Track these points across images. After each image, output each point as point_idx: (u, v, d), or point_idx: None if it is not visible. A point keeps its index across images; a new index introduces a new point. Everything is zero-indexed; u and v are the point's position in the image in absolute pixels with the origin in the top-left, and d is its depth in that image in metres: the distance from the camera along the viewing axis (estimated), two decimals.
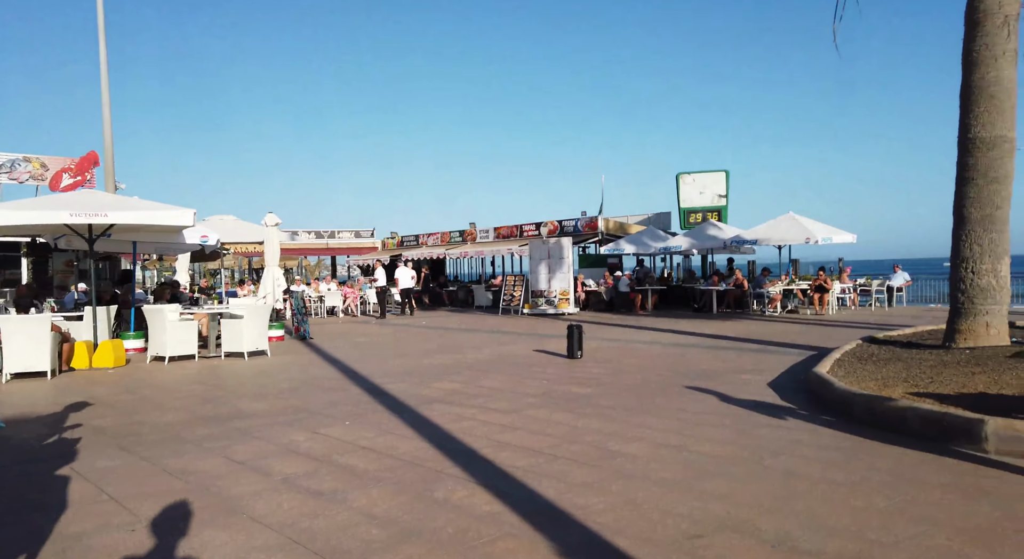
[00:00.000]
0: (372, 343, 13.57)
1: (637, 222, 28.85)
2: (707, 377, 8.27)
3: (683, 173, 26.51)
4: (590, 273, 24.48)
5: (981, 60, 8.21)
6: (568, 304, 20.97)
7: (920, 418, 5.15)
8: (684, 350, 11.05)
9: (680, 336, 13.39)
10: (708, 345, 11.66)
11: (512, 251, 27.00)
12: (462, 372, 9.21)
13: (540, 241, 21.95)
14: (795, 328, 14.48)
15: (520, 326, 16.86)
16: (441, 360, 10.57)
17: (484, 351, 11.64)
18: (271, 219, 13.97)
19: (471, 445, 5.29)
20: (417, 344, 13.12)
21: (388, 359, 10.89)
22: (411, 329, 16.73)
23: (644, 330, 14.86)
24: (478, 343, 12.99)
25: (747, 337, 12.74)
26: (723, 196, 26.27)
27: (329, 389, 8.09)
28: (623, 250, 23.65)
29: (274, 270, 14.01)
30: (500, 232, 29.89)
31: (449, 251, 29.97)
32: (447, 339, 13.98)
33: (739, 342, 11.98)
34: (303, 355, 11.71)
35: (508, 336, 14.28)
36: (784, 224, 19.17)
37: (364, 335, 15.42)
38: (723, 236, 20.80)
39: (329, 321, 20.21)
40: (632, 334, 14.04)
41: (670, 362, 9.68)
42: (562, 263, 21.18)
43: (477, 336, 14.45)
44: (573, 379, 8.42)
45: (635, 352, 10.95)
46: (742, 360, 9.69)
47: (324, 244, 36.99)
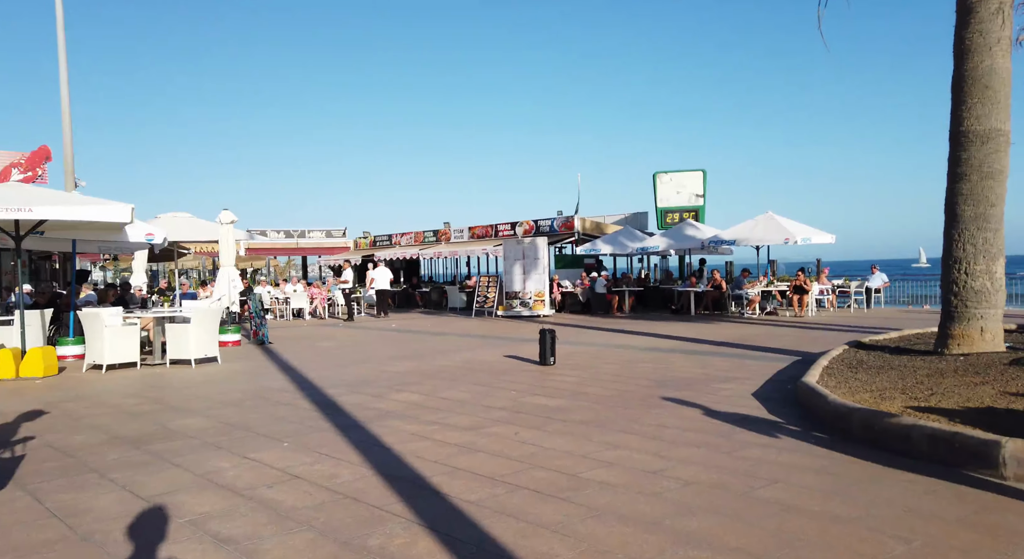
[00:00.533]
0: (334, 348, 12.82)
1: (614, 222, 28.36)
2: (688, 386, 7.68)
3: (660, 172, 26.08)
4: (566, 274, 23.93)
5: (974, 48, 7.75)
6: (543, 306, 20.36)
7: (927, 438, 4.60)
8: (662, 355, 10.48)
9: (658, 340, 12.85)
10: (687, 350, 11.12)
11: (487, 251, 26.34)
12: (425, 381, 8.53)
13: (514, 241, 21.33)
14: (775, 331, 14.02)
15: (493, 329, 16.21)
16: (405, 367, 9.87)
17: (452, 357, 10.96)
18: (226, 217, 13.15)
19: (422, 472, 4.63)
20: (382, 349, 12.39)
21: (348, 366, 10.16)
22: (379, 333, 15.98)
23: (621, 333, 14.30)
24: (447, 348, 12.31)
25: (727, 341, 12.23)
26: (700, 196, 25.88)
27: (276, 402, 7.36)
28: (600, 250, 23.11)
29: (229, 271, 13.19)
30: (475, 232, 29.22)
31: (423, 251, 29.23)
32: (415, 344, 13.27)
33: (719, 346, 11.45)
34: (257, 362, 10.93)
35: (479, 340, 13.62)
36: (762, 224, 18.76)
37: (328, 339, 14.64)
38: (701, 236, 20.35)
39: (294, 324, 19.36)
40: (609, 337, 13.47)
41: (648, 369, 9.10)
42: (537, 263, 20.58)
43: (447, 340, 13.76)
44: (544, 389, 7.78)
45: (611, 358, 10.36)
46: (723, 366, 9.14)
47: (294, 243, 35.99)
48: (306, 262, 40.07)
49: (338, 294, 22.97)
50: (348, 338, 14.88)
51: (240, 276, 35.37)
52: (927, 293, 24.71)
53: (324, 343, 13.86)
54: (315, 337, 15.26)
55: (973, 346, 7.76)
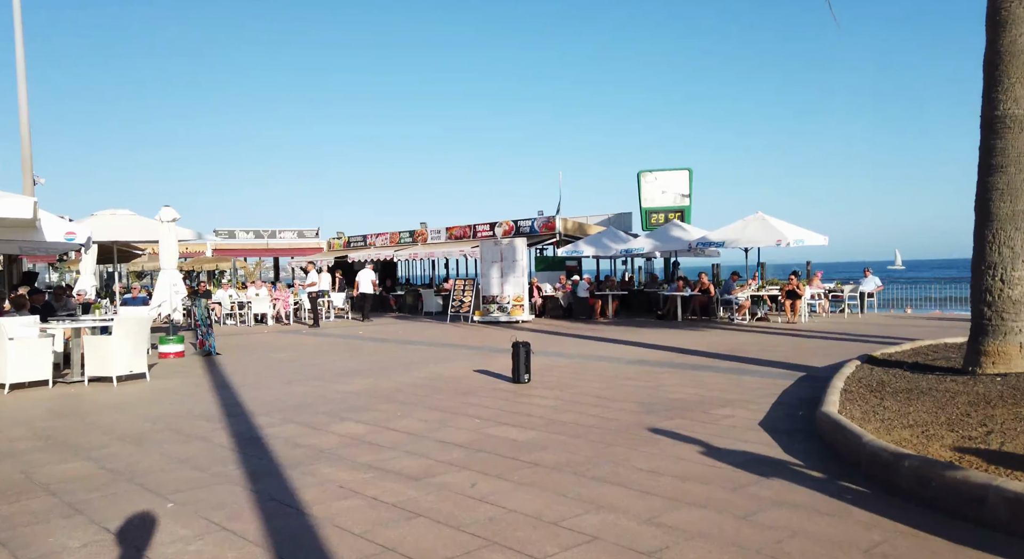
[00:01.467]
0: (287, 360, 11.54)
1: (597, 223, 27.31)
2: (682, 412, 6.55)
3: (644, 171, 25.06)
4: (547, 277, 22.79)
5: (1013, 20, 6.71)
6: (522, 311, 19.20)
7: (1009, 505, 3.48)
8: (650, 370, 9.36)
9: (645, 350, 11.73)
10: (677, 363, 10.01)
11: (465, 253, 25.12)
12: (377, 406, 7.31)
13: (492, 241, 20.15)
14: (769, 340, 12.97)
15: (467, 337, 15.01)
16: (359, 385, 8.64)
17: (416, 372, 9.75)
18: (167, 214, 11.82)
19: (339, 555, 3.43)
20: (340, 361, 11.14)
21: (294, 383, 8.91)
22: (342, 341, 14.71)
23: (604, 342, 13.17)
24: (413, 360, 11.09)
25: (719, 351, 11.14)
26: (686, 195, 24.89)
27: (189, 436, 6.10)
28: (582, 252, 22.01)
29: (171, 274, 11.86)
30: (452, 232, 28.00)
31: (398, 252, 27.93)
32: (378, 354, 12.03)
33: (711, 359, 10.36)
34: (192, 378, 9.64)
35: (450, 350, 12.41)
36: (753, 225, 17.77)
37: (284, 349, 13.35)
38: (688, 237, 19.32)
39: (254, 331, 18.01)
40: (591, 347, 12.33)
41: (635, 388, 7.96)
42: (516, 266, 19.41)
43: (415, 350, 12.54)
44: (514, 416, 6.60)
45: (594, 373, 9.22)
46: (719, 384, 8.03)
47: (264, 244, 34.52)
48: (278, 263, 38.57)
49: (305, 298, 21.64)
50: (307, 347, 13.59)
51: (196, 279, 33.73)
52: (910, 296, 23.97)
53: (278, 354, 12.57)
54: (271, 346, 13.95)
55: (1011, 365, 6.72)
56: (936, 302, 22.74)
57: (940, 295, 23.29)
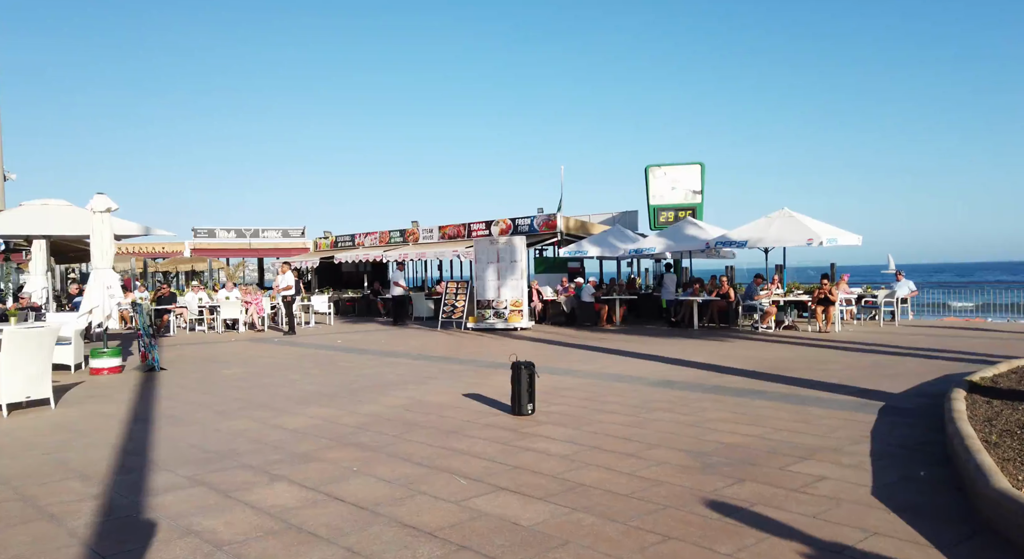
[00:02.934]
0: (239, 378, 9.61)
1: (600, 222, 25.47)
2: (751, 470, 4.66)
3: (653, 165, 23.19)
4: (547, 279, 20.88)
5: None
6: (521, 317, 17.31)
7: None
8: (684, 396, 7.46)
9: (668, 366, 9.84)
10: (714, 385, 8.12)
11: (458, 253, 23.20)
12: (329, 452, 5.41)
13: (487, 241, 18.27)
14: (812, 354, 11.08)
15: (459, 347, 13.10)
16: (313, 418, 6.73)
17: (391, 397, 7.84)
18: (99, 203, 9.88)
19: None
20: (303, 380, 9.22)
21: (232, 414, 6.99)
22: (314, 352, 12.77)
23: (617, 355, 11.27)
24: (391, 379, 9.18)
25: (760, 369, 9.26)
26: (698, 192, 23.03)
27: (38, 511, 4.18)
28: (586, 252, 20.12)
29: (104, 275, 9.93)
30: (446, 232, 26.13)
31: (387, 253, 26.01)
32: (352, 371, 10.11)
33: (755, 380, 8.47)
34: (111, 405, 7.71)
35: (437, 365, 10.49)
36: (779, 222, 15.91)
37: (243, 362, 11.41)
38: (705, 236, 17.44)
39: (221, 339, 16.05)
40: (603, 362, 10.43)
41: (673, 425, 6.07)
42: (514, 267, 17.52)
43: (396, 365, 10.62)
44: (515, 474, 4.71)
45: (613, 399, 7.32)
46: (783, 420, 6.14)
47: (246, 244, 32.53)
48: (262, 265, 36.61)
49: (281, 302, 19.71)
50: (269, 361, 11.66)
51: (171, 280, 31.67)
52: (944, 301, 22.23)
53: (233, 369, 10.63)
54: (229, 359, 12.01)
55: None
56: (945, 308, 21.03)
57: (945, 300, 21.63)
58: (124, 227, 11.12)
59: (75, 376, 10.02)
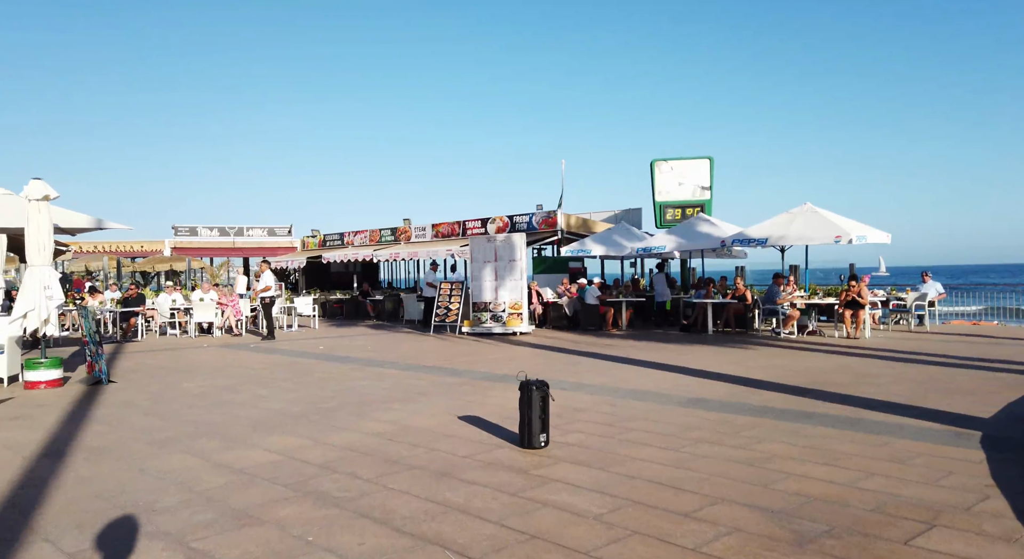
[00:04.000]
0: (196, 395, 8.23)
1: (602, 220, 24.19)
2: (860, 545, 3.34)
3: (659, 160, 21.88)
4: (547, 280, 19.56)
5: None
6: (520, 321, 15.99)
7: None
8: (728, 421, 6.14)
9: (694, 380, 8.52)
10: (757, 405, 6.80)
11: (453, 252, 21.85)
12: (273, 511, 4.06)
13: (484, 238, 16.94)
14: (851, 364, 9.78)
15: (453, 355, 11.74)
16: (269, 452, 5.38)
17: (370, 421, 6.49)
18: (35, 189, 8.49)
19: None
20: (269, 397, 7.85)
21: (171, 447, 5.63)
22: (291, 361, 11.39)
23: (632, 365, 9.94)
24: (373, 395, 7.83)
25: (800, 384, 7.95)
26: (707, 188, 21.73)
27: None
28: (590, 251, 18.81)
29: (42, 273, 8.54)
30: (439, 230, 24.81)
31: (378, 252, 24.67)
32: (329, 384, 8.75)
33: (801, 397, 7.16)
34: (24, 430, 6.31)
35: (428, 378, 9.13)
36: (801, 219, 14.64)
37: (208, 373, 10.02)
38: (719, 234, 16.15)
39: (192, 344, 14.65)
40: (618, 373, 9.10)
41: (728, 466, 4.74)
42: (513, 267, 16.20)
43: (380, 378, 9.26)
44: (531, 550, 3.37)
45: (642, 425, 5.99)
46: (869, 460, 4.83)
47: (230, 243, 31.11)
48: (247, 264, 35.12)
49: None
50: (239, 371, 10.29)
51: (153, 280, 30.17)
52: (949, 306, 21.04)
53: (193, 382, 9.25)
54: (194, 369, 10.63)
55: None
56: (948, 313, 19.85)
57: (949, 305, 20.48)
58: (70, 219, 9.73)
59: (8, 390, 8.64)
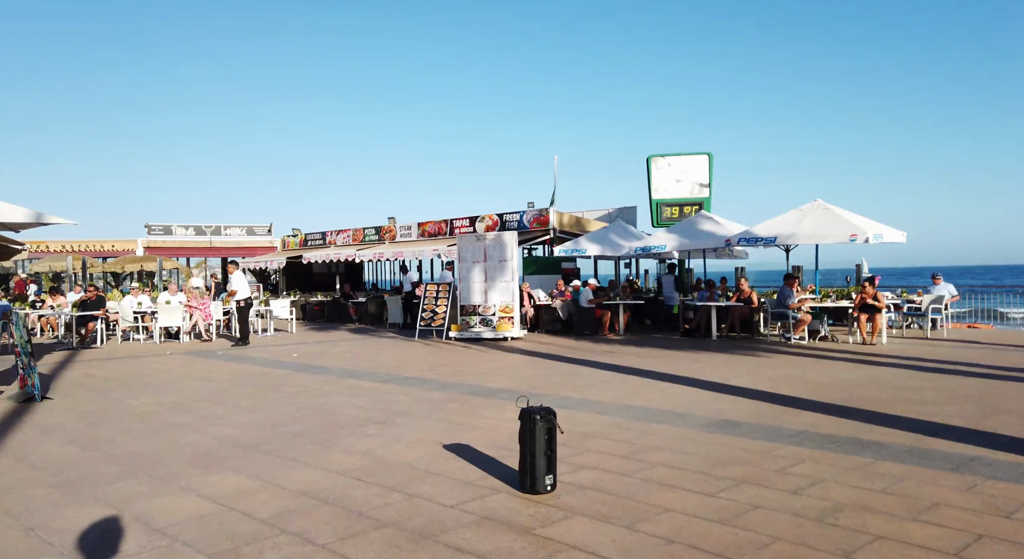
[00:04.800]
0: (140, 415, 7.09)
1: (596, 219, 23.21)
2: None
3: (656, 156, 20.91)
4: (539, 282, 18.52)
5: None
6: (511, 325, 14.94)
7: None
8: (766, 450, 5.11)
9: (711, 394, 7.49)
10: (797, 429, 5.78)
11: (439, 252, 20.78)
12: None
13: (473, 237, 15.87)
14: (881, 376, 8.80)
15: (439, 363, 10.64)
16: (204, 500, 4.28)
17: (338, 451, 5.40)
18: None
19: None
20: (226, 418, 6.73)
21: (76, 494, 4.51)
22: (259, 371, 10.23)
23: (637, 376, 8.90)
24: (345, 416, 6.74)
25: (836, 401, 6.94)
26: (706, 185, 20.79)
27: None
28: (584, 251, 17.80)
29: None
30: (425, 229, 23.74)
31: (361, 252, 23.53)
32: (295, 402, 7.63)
33: (846, 419, 6.16)
34: None
35: (411, 392, 8.04)
36: (812, 216, 13.70)
37: (161, 388, 8.86)
38: (723, 233, 15.19)
39: (155, 351, 13.44)
40: (623, 386, 8.05)
41: (789, 522, 3.71)
42: (504, 267, 15.15)
43: (357, 391, 8.15)
44: None
45: (663, 458, 4.95)
46: (978, 514, 3.82)
47: (207, 242, 29.81)
48: (226, 264, 33.79)
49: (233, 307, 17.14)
50: (198, 384, 9.15)
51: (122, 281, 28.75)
52: None
53: (142, 399, 8.09)
54: (148, 381, 9.47)
55: None
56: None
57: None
58: (5, 213, 8.55)
59: None
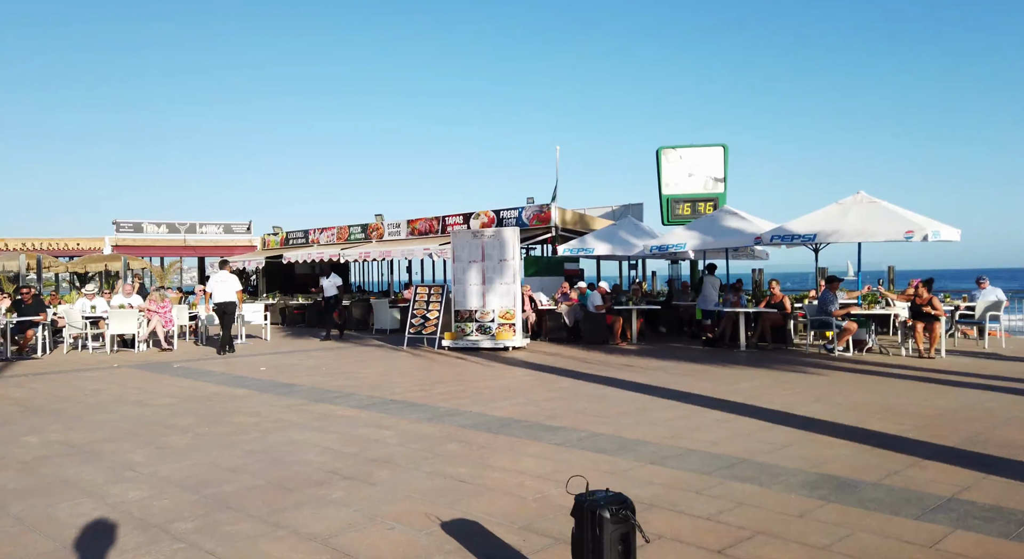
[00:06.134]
0: (30, 462, 5.24)
1: (600, 216, 21.50)
2: None
3: (666, 147, 19.23)
4: (540, 284, 16.75)
5: None
6: (513, 333, 13.18)
7: None
8: (927, 538, 3.37)
9: (782, 429, 5.74)
10: (941, 494, 4.05)
11: (431, 252, 18.98)
12: None
13: (469, 233, 14.10)
14: (986, 401, 7.06)
15: (431, 381, 8.83)
16: None
17: (284, 536, 3.61)
18: None
19: None
20: (141, 467, 4.92)
21: None
22: (213, 391, 8.37)
23: (676, 400, 7.11)
24: (306, 465, 4.93)
25: (960, 443, 5.23)
26: (721, 179, 19.13)
27: None
28: (592, 250, 16.07)
29: None
30: (415, 227, 21.95)
31: (345, 251, 21.69)
32: (241, 441, 5.81)
33: (992, 475, 4.43)
34: None
35: (394, 424, 6.22)
36: (857, 210, 12.04)
37: (79, 418, 6.99)
38: (752, 229, 13.50)
39: (104, 362, 11.54)
40: (664, 416, 6.26)
41: None
42: (504, 267, 13.40)
43: (327, 422, 6.33)
44: None
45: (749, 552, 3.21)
46: None
47: (181, 240, 27.80)
48: (203, 264, 31.79)
49: (202, 311, 15.27)
50: (125, 414, 7.30)
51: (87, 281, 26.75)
52: None
53: (41, 435, 6.23)
54: (65, 406, 7.60)
55: None
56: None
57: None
58: None
59: None
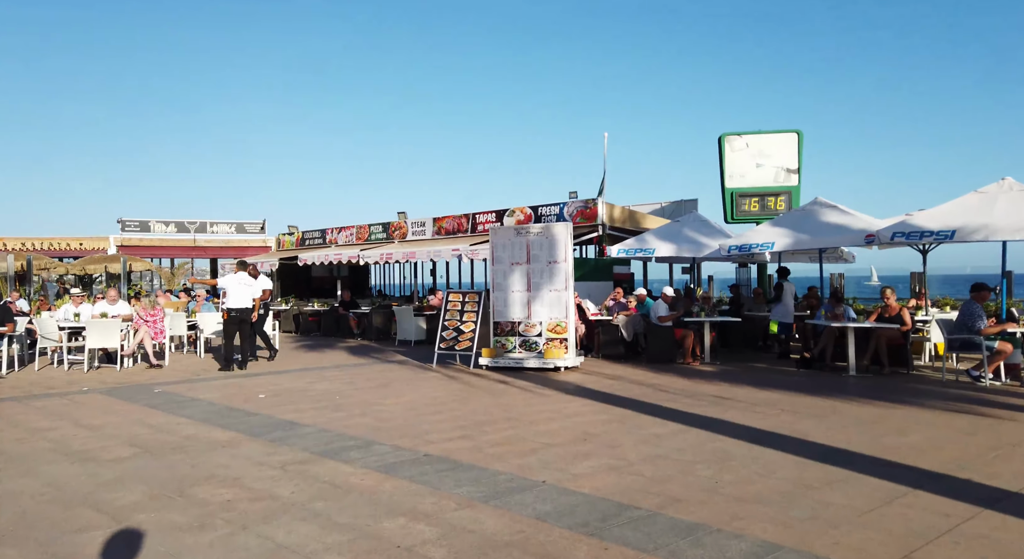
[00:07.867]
0: None
1: (650, 213, 19.12)
2: None
3: (730, 134, 16.79)
4: (586, 290, 14.35)
5: None
6: (565, 350, 10.85)
7: None
8: None
9: None
10: None
11: (461, 253, 16.72)
12: None
13: (512, 231, 11.79)
14: None
15: (472, 421, 6.48)
16: None
17: None
18: None
19: None
20: None
21: None
22: (185, 434, 6.09)
23: (817, 459, 4.63)
24: None
25: None
26: (794, 171, 16.64)
27: None
28: (653, 251, 13.65)
29: None
30: (442, 225, 19.76)
31: (365, 252, 19.53)
32: (193, 547, 3.55)
33: None
34: None
35: (433, 517, 3.91)
36: (1005, 201, 9.51)
37: (28, 457, 4.83)
38: (860, 226, 10.98)
39: (77, 382, 9.41)
40: (841, 497, 3.78)
41: None
42: (555, 271, 11.09)
43: (324, 509, 4.04)
44: None
45: None
46: None
47: (191, 240, 25.92)
48: (215, 266, 29.92)
49: (205, 319, 13.18)
50: (50, 475, 5.08)
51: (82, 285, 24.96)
52: None
53: None
54: (43, 452, 5.41)
55: None
56: None
57: None
58: None
59: None
